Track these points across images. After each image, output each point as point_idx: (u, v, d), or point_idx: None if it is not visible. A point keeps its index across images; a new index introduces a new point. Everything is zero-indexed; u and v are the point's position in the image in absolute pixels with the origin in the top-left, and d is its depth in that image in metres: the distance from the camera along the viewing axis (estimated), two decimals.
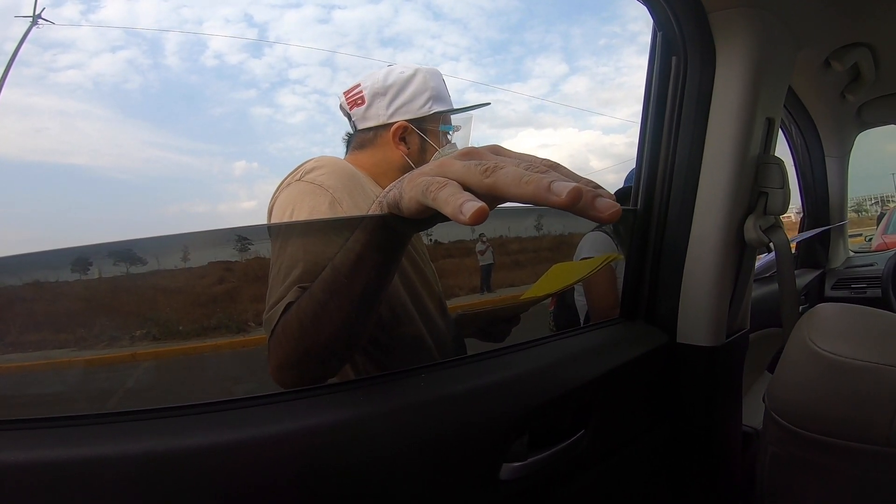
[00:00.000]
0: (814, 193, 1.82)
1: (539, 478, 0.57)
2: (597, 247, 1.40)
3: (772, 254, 0.87)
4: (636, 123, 0.84)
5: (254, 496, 0.40)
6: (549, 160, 0.38)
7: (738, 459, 0.94)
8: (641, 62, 0.82)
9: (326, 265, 0.48)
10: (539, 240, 0.84)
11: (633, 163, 0.86)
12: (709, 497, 0.85)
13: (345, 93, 0.92)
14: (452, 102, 0.94)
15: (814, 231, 1.70)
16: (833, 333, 0.69)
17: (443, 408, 0.49)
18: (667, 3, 0.72)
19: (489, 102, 1.03)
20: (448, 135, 0.93)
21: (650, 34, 0.80)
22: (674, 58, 0.78)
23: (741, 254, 0.81)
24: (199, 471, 0.39)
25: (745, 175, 0.77)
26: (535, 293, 0.79)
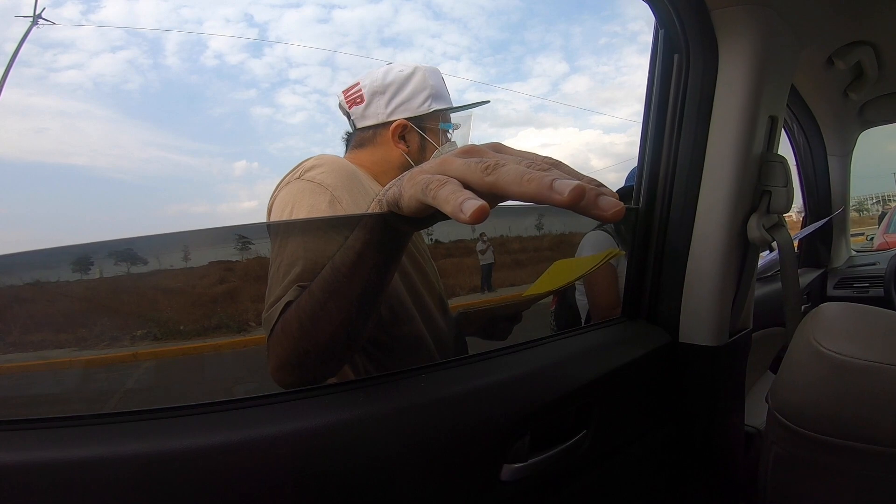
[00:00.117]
0: (816, 192, 1.82)
1: (540, 479, 0.56)
2: (598, 246, 1.39)
3: (774, 253, 0.86)
4: (637, 122, 0.83)
5: (251, 499, 0.40)
6: (551, 158, 0.37)
7: (741, 460, 0.93)
8: (642, 61, 0.82)
9: (326, 264, 0.48)
10: (540, 239, 0.84)
11: (634, 162, 0.85)
12: (711, 498, 0.85)
13: (344, 91, 0.92)
14: (452, 101, 0.93)
15: (815, 225, 1.69)
16: (837, 333, 0.69)
17: (443, 408, 0.49)
18: (669, 1, 0.72)
19: (488, 100, 1.03)
20: (448, 133, 0.92)
21: (651, 33, 0.80)
22: (676, 56, 0.77)
23: (744, 253, 0.81)
24: (196, 473, 0.39)
25: (748, 173, 0.77)
26: (537, 290, 0.79)
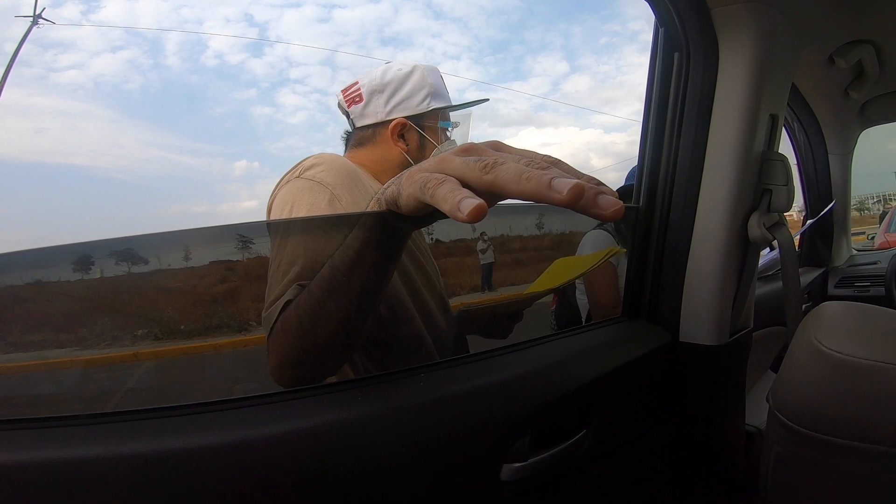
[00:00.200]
0: (817, 191, 1.81)
1: (540, 479, 0.56)
2: (598, 245, 1.40)
3: (775, 252, 0.86)
4: (637, 122, 0.83)
5: (249, 499, 0.40)
6: (551, 156, 0.37)
7: (742, 460, 0.93)
8: (642, 60, 0.81)
9: (325, 262, 0.48)
10: (540, 238, 0.84)
11: (635, 161, 0.85)
12: (712, 498, 0.85)
13: (343, 91, 0.92)
14: (451, 99, 0.93)
15: (815, 219, 1.69)
16: (838, 332, 0.68)
17: (442, 408, 0.48)
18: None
19: (487, 98, 1.03)
20: (447, 131, 0.92)
21: (651, 31, 0.80)
22: (676, 54, 0.77)
23: (745, 251, 0.81)
24: (193, 473, 0.38)
25: (749, 172, 0.76)
26: (538, 288, 0.79)
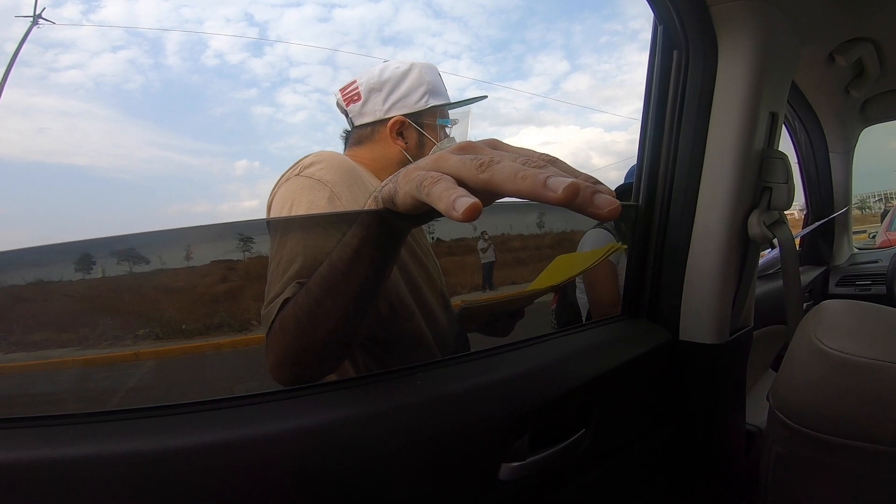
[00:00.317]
0: (818, 190, 1.81)
1: (539, 478, 0.56)
2: (598, 244, 1.40)
3: (775, 250, 0.86)
4: (638, 120, 0.83)
5: (247, 498, 0.40)
6: (548, 155, 0.37)
7: (742, 459, 0.93)
8: (643, 59, 0.81)
9: (324, 260, 0.48)
10: (541, 237, 0.83)
11: (636, 160, 0.85)
12: (712, 497, 0.84)
13: (341, 90, 0.92)
14: (450, 97, 0.93)
15: (818, 223, 1.68)
16: (838, 331, 0.68)
17: (441, 407, 0.48)
18: None
19: (486, 96, 1.03)
20: (446, 129, 0.92)
21: (651, 29, 0.80)
22: (675, 52, 0.77)
23: (745, 250, 0.80)
24: (191, 471, 0.38)
25: (749, 170, 0.76)
26: (540, 285, 0.79)
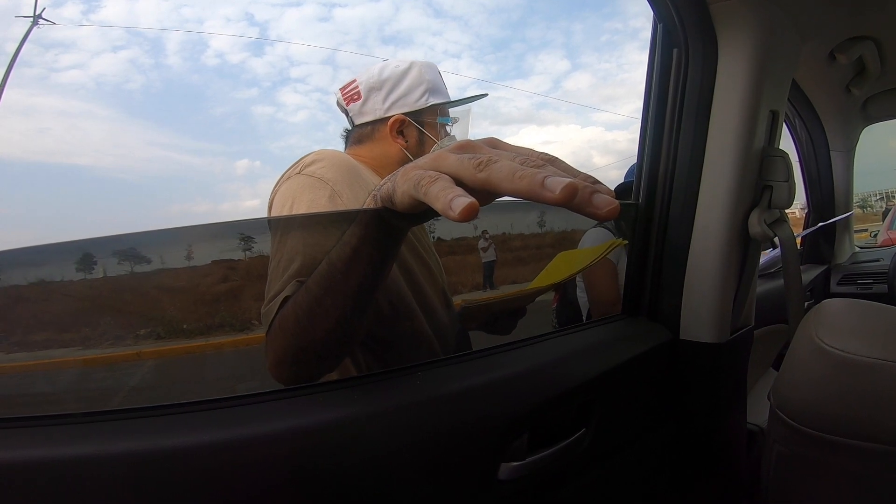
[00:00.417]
0: (819, 188, 1.80)
1: (538, 478, 0.56)
2: (598, 243, 1.39)
3: (777, 249, 0.85)
4: (639, 119, 0.83)
5: (246, 498, 0.39)
6: (547, 154, 0.37)
7: (743, 459, 0.93)
8: (644, 58, 0.81)
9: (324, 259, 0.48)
10: (542, 236, 0.83)
11: (636, 158, 0.84)
12: (713, 497, 0.84)
13: (341, 89, 0.92)
14: (451, 96, 0.93)
15: (820, 224, 1.68)
16: (840, 330, 0.68)
17: (440, 406, 0.48)
18: None
19: (486, 94, 1.03)
20: (447, 127, 0.92)
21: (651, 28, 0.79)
22: (675, 50, 0.76)
23: (745, 248, 0.80)
24: (190, 471, 0.38)
25: (750, 168, 0.76)
26: (542, 283, 0.78)
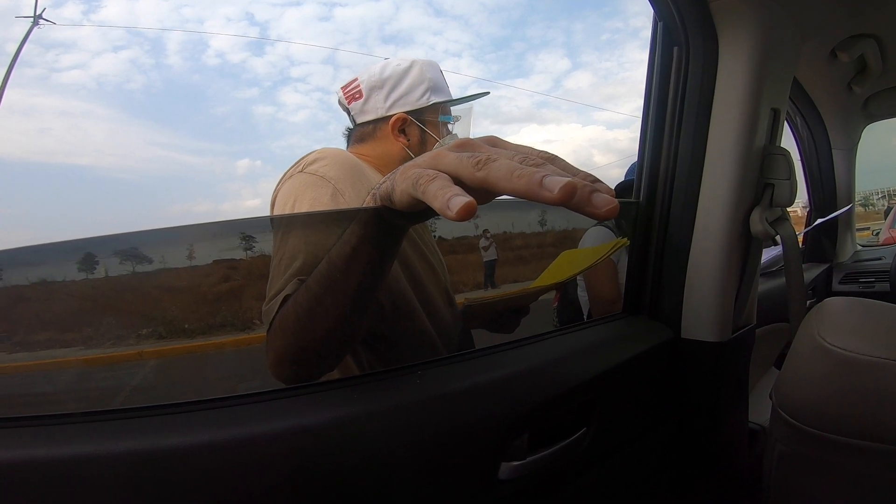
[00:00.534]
0: (820, 186, 1.80)
1: (539, 477, 0.55)
2: (600, 243, 1.39)
3: (778, 248, 0.85)
4: (640, 118, 0.82)
5: (246, 497, 0.39)
6: (547, 152, 0.36)
7: (745, 458, 0.92)
8: (645, 56, 0.81)
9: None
10: (543, 235, 0.83)
11: (637, 157, 0.84)
12: (714, 496, 0.84)
13: (342, 88, 0.92)
14: (452, 94, 0.93)
15: (822, 220, 1.67)
16: (842, 328, 0.68)
17: (440, 406, 0.48)
18: None
19: (488, 92, 1.03)
20: (448, 125, 0.92)
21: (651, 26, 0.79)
22: (675, 48, 0.76)
23: (747, 247, 0.80)
24: (189, 470, 0.38)
25: (751, 166, 0.76)
26: (545, 282, 0.78)
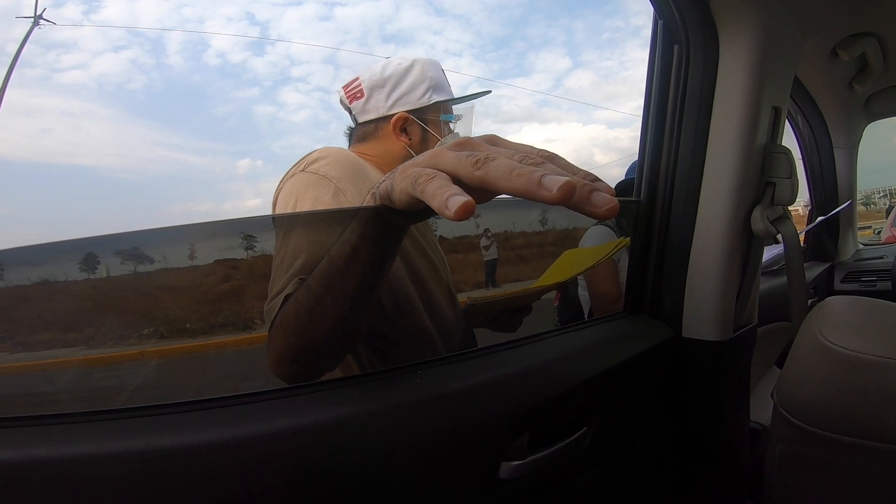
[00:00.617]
0: (822, 185, 1.80)
1: (539, 477, 0.55)
2: (600, 242, 1.39)
3: (780, 246, 0.85)
4: (641, 117, 0.82)
5: (246, 497, 0.39)
6: (547, 151, 0.36)
7: (746, 457, 0.92)
8: (646, 55, 0.81)
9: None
10: (544, 234, 0.83)
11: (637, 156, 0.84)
12: (715, 496, 0.84)
13: (344, 87, 0.92)
14: (453, 93, 0.93)
15: (823, 219, 1.67)
16: (843, 327, 0.67)
17: (440, 405, 0.48)
18: None
19: (490, 90, 1.03)
20: (450, 124, 0.92)
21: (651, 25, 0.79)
22: (675, 47, 0.76)
23: (748, 245, 0.80)
24: (189, 470, 0.38)
25: (752, 165, 0.75)
26: (547, 281, 0.78)
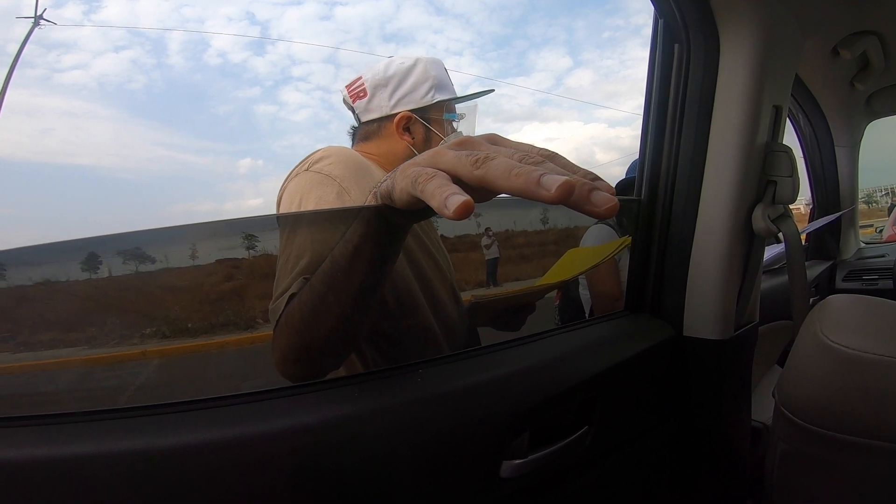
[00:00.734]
0: (823, 184, 1.79)
1: (540, 476, 0.55)
2: (601, 241, 1.39)
3: (781, 245, 0.85)
4: (641, 116, 0.82)
5: (246, 496, 0.39)
6: (547, 150, 0.36)
7: (747, 456, 0.92)
8: (646, 54, 0.81)
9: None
10: (545, 233, 0.83)
11: (638, 155, 0.84)
12: (717, 495, 0.84)
13: (347, 86, 0.92)
14: (456, 92, 0.93)
15: (825, 220, 1.67)
16: (845, 326, 0.67)
17: (441, 404, 0.48)
18: None
19: (493, 89, 1.03)
20: (453, 123, 0.92)
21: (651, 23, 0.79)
22: (676, 45, 0.76)
23: (749, 244, 0.79)
24: (190, 470, 0.38)
25: (753, 164, 0.75)
26: (550, 280, 0.78)
